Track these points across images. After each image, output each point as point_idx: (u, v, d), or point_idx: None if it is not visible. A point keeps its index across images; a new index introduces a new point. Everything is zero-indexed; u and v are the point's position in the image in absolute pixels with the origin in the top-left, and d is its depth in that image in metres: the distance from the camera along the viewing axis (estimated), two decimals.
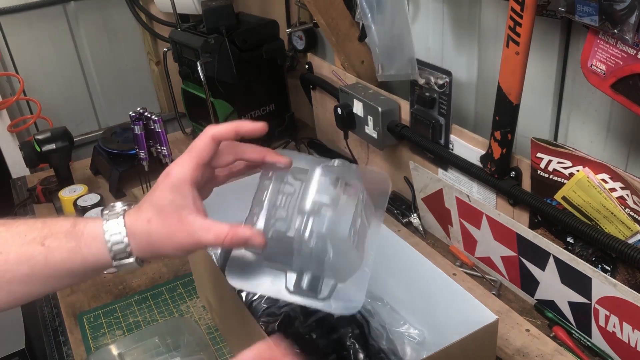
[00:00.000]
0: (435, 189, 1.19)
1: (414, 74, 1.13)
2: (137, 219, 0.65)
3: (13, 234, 0.63)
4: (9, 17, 1.99)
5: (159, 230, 0.64)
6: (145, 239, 0.65)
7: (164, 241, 0.64)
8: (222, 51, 1.52)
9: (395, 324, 0.95)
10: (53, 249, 0.63)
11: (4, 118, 1.92)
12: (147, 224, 0.64)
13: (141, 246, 0.65)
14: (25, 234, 0.63)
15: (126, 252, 0.64)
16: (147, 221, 0.64)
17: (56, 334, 1.13)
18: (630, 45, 0.76)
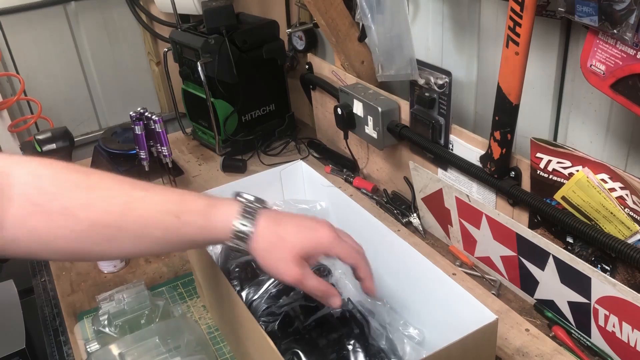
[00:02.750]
0: (435, 189, 1.19)
1: (413, 74, 1.13)
2: (270, 231, 0.74)
3: (154, 200, 0.71)
4: (9, 17, 1.99)
5: (276, 255, 0.73)
6: (262, 247, 0.73)
7: (274, 264, 0.74)
8: (222, 51, 1.52)
9: (395, 324, 0.95)
10: (186, 223, 0.71)
11: (5, 118, 1.93)
12: (275, 239, 0.74)
13: (255, 247, 0.73)
14: (164, 203, 0.71)
15: (243, 242, 0.73)
16: (280, 238, 0.74)
17: (57, 333, 1.14)
18: (630, 45, 0.76)
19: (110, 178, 0.71)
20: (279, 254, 0.73)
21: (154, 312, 1.08)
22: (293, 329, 0.86)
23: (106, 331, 1.05)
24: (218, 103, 1.58)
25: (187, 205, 0.72)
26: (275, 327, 0.87)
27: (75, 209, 0.67)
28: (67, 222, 0.67)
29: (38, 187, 0.67)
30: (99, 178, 0.71)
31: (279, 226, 0.74)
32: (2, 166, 0.66)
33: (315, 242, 0.75)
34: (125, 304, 1.08)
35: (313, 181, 1.14)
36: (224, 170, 1.60)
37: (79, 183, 0.69)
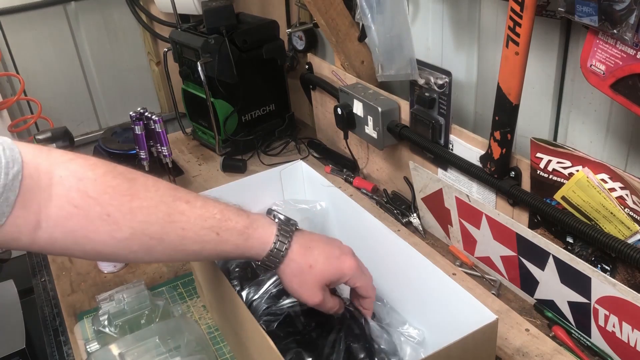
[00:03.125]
0: (435, 189, 1.19)
1: (413, 74, 1.13)
2: (301, 257, 0.78)
3: (195, 216, 0.72)
4: (9, 17, 1.99)
5: (302, 280, 0.78)
6: (291, 270, 0.78)
7: (298, 288, 0.79)
8: (222, 51, 1.52)
9: (395, 324, 0.95)
10: (224, 240, 0.73)
11: (5, 118, 1.93)
12: (305, 266, 0.78)
13: (284, 269, 0.78)
14: (205, 219, 0.72)
15: (274, 264, 0.78)
16: (309, 266, 0.78)
17: (57, 333, 1.14)
18: (630, 45, 0.76)
19: (153, 185, 0.71)
20: (305, 280, 0.78)
21: (154, 312, 1.08)
22: (293, 330, 0.86)
23: (106, 331, 1.05)
24: (218, 103, 1.58)
25: (227, 223, 0.74)
26: (275, 326, 0.87)
27: (117, 217, 0.67)
28: (108, 228, 0.67)
29: (80, 191, 0.66)
30: (142, 185, 0.70)
31: (309, 253, 0.78)
32: (43, 165, 0.66)
33: (340, 273, 0.80)
34: (125, 304, 1.08)
35: (313, 181, 1.14)
36: (224, 170, 1.60)
37: (122, 190, 0.68)
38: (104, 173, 0.68)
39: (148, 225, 0.69)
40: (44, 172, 0.65)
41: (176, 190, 0.73)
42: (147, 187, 0.70)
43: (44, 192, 0.65)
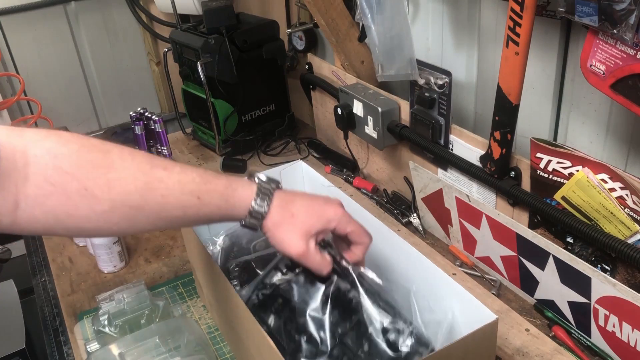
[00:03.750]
0: (435, 189, 1.19)
1: (413, 74, 1.13)
2: (283, 209, 0.76)
3: (174, 180, 0.71)
4: (9, 17, 1.99)
5: (285, 229, 0.76)
6: (273, 223, 0.76)
7: (281, 238, 0.77)
8: (222, 51, 1.52)
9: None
10: (206, 203, 0.73)
11: (5, 118, 1.93)
12: (287, 216, 0.76)
13: (267, 224, 0.76)
14: (184, 184, 0.72)
15: (257, 221, 0.76)
16: (290, 215, 0.76)
17: (57, 333, 1.14)
18: (630, 45, 0.76)
19: (129, 155, 0.71)
20: (288, 229, 0.76)
21: (154, 312, 1.08)
22: (294, 329, 0.86)
23: (106, 331, 1.05)
24: (218, 103, 1.58)
25: (207, 186, 0.73)
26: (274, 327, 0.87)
27: (95, 190, 0.67)
28: (87, 203, 0.67)
29: (56, 168, 0.66)
30: (118, 156, 0.70)
31: (291, 204, 0.77)
32: (17, 144, 0.65)
33: (325, 219, 0.78)
34: (125, 304, 1.08)
35: (313, 181, 1.14)
36: (224, 170, 1.60)
37: (98, 163, 0.68)
38: (78, 148, 0.68)
39: (127, 196, 0.68)
40: (20, 152, 0.65)
41: (153, 158, 0.72)
42: (123, 158, 0.70)
43: (20, 172, 0.64)
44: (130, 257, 1.32)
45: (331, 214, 0.78)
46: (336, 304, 0.78)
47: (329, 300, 0.77)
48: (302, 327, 0.77)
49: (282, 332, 0.79)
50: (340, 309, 0.78)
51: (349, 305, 0.78)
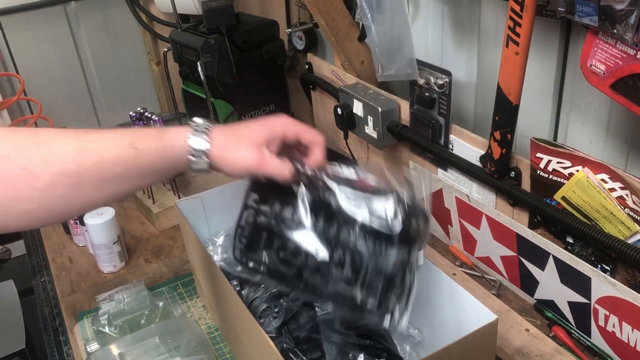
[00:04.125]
0: (435, 189, 1.19)
1: (413, 74, 1.13)
2: (225, 134, 0.75)
3: (107, 139, 0.71)
4: (9, 17, 1.99)
5: (234, 148, 0.75)
6: (219, 150, 0.74)
7: (233, 157, 0.74)
8: (222, 51, 1.52)
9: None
10: (143, 150, 0.71)
11: (5, 118, 1.92)
12: (230, 136, 0.75)
13: (216, 154, 0.74)
14: (117, 138, 0.71)
15: (204, 159, 0.74)
16: (233, 134, 0.75)
17: (57, 333, 1.14)
18: (630, 45, 0.76)
19: (60, 131, 0.72)
20: (236, 147, 0.75)
21: (154, 312, 1.08)
22: (294, 330, 0.86)
23: (106, 331, 1.05)
24: (218, 103, 1.58)
25: (140, 134, 0.73)
26: (276, 327, 0.87)
27: (32, 167, 0.67)
28: (27, 182, 0.66)
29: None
30: (47, 132, 0.71)
31: (233, 128, 0.76)
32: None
33: (270, 126, 0.77)
34: (125, 304, 1.08)
35: None
36: None
37: (30, 140, 0.69)
38: (6, 131, 0.69)
39: (64, 165, 0.68)
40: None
41: (84, 130, 0.73)
42: (54, 132, 0.71)
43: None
44: (130, 257, 1.32)
45: (275, 121, 0.78)
46: (317, 212, 0.76)
47: (308, 212, 0.75)
48: (295, 248, 0.76)
49: (279, 264, 0.77)
50: (323, 216, 0.76)
51: (330, 209, 0.76)
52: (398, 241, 0.72)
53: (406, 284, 0.73)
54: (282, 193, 0.77)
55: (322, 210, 0.75)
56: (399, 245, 0.72)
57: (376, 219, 0.73)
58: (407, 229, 0.73)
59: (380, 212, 0.74)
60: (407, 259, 0.73)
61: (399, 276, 0.73)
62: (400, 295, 0.73)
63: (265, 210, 0.79)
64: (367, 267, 0.73)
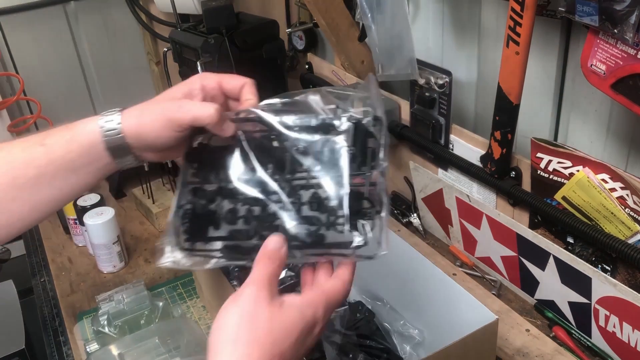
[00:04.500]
0: (435, 189, 1.19)
1: (414, 73, 1.13)
2: (134, 108, 0.68)
3: (15, 144, 0.67)
4: (9, 17, 1.99)
5: (154, 109, 0.67)
6: (137, 117, 0.67)
7: (157, 116, 0.66)
8: (222, 51, 1.51)
9: (395, 324, 0.95)
10: (52, 144, 0.66)
11: (4, 118, 1.92)
12: (148, 103, 0.69)
13: (131, 124, 0.66)
14: (25, 140, 0.67)
15: (118, 138, 0.66)
16: (149, 102, 0.69)
17: (56, 334, 1.13)
18: (630, 45, 0.76)
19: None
20: (151, 108, 0.68)
21: (154, 312, 1.08)
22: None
23: (106, 331, 1.05)
24: None
25: (50, 131, 0.68)
26: None
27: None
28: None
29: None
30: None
31: (147, 101, 0.69)
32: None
33: (187, 82, 0.70)
34: (124, 304, 1.08)
35: None
36: None
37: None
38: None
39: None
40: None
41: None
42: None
43: None
44: (129, 257, 1.31)
45: (192, 77, 0.71)
46: (264, 155, 0.68)
47: (256, 162, 0.67)
48: (254, 204, 0.65)
49: (242, 231, 0.65)
50: (273, 162, 0.67)
51: (278, 152, 0.67)
52: (352, 136, 0.65)
53: (375, 199, 0.62)
54: (222, 153, 0.69)
55: (271, 157, 0.67)
56: (354, 139, 0.64)
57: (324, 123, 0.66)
58: (359, 130, 0.65)
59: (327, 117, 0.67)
60: (367, 169, 0.64)
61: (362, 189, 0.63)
62: (370, 212, 0.62)
63: (207, 177, 0.69)
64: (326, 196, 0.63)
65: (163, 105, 0.67)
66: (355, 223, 0.61)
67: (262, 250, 0.60)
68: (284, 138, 0.67)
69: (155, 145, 0.67)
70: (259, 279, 0.57)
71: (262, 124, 0.69)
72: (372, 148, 0.64)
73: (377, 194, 0.62)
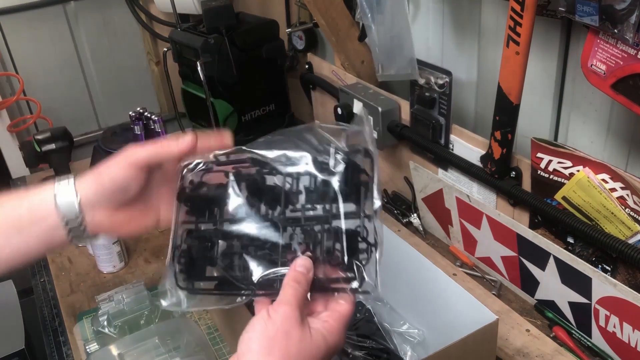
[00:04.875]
0: (436, 189, 1.19)
1: (414, 74, 1.13)
2: (87, 180, 0.66)
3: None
4: (9, 17, 1.99)
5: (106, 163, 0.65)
6: (93, 170, 0.65)
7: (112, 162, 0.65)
8: (222, 51, 1.51)
9: (395, 324, 0.95)
10: (3, 201, 0.64)
11: (4, 118, 1.92)
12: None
13: (86, 177, 0.65)
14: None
15: (71, 185, 0.65)
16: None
17: (56, 334, 1.13)
18: (631, 45, 0.76)
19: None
20: (110, 161, 0.65)
21: (154, 312, 1.08)
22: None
23: (106, 331, 1.05)
24: (218, 103, 1.58)
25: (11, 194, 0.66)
26: None
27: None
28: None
29: None
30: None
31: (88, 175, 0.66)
32: None
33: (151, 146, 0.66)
34: (124, 305, 1.08)
35: None
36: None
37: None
38: None
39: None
40: None
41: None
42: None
43: None
44: (129, 258, 1.31)
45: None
46: (259, 196, 0.68)
47: (249, 200, 0.67)
48: (251, 242, 0.65)
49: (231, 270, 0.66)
50: (266, 200, 0.67)
51: (271, 190, 0.68)
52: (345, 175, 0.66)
53: (368, 237, 0.64)
54: (215, 192, 0.69)
55: (261, 189, 0.68)
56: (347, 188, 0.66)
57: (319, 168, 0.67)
58: (353, 169, 0.67)
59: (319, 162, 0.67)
60: (361, 207, 0.65)
61: (358, 229, 0.65)
62: (365, 252, 0.64)
63: (201, 216, 0.69)
64: (321, 233, 0.65)
65: (128, 152, 0.65)
66: (351, 263, 0.63)
67: (290, 272, 0.61)
68: (277, 175, 0.68)
69: (111, 189, 0.65)
70: (293, 301, 0.59)
71: (255, 162, 0.69)
72: (365, 183, 0.67)
73: (372, 232, 0.64)
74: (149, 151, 0.65)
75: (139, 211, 0.70)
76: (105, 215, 0.67)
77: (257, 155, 0.70)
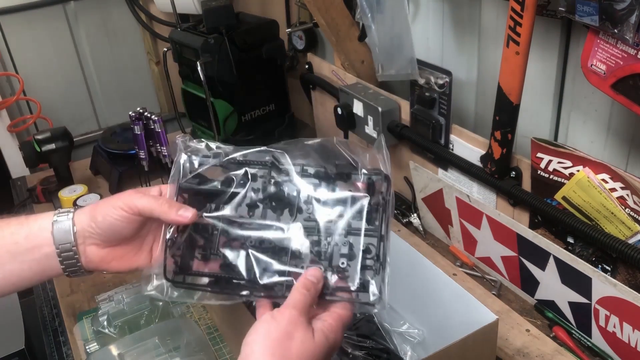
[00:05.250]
0: (436, 189, 1.19)
1: (414, 74, 1.13)
2: (84, 213, 0.69)
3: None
4: (9, 17, 1.99)
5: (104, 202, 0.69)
6: (89, 208, 0.68)
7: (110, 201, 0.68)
8: (222, 51, 1.51)
9: (395, 324, 0.95)
10: (3, 225, 0.66)
11: (4, 118, 1.92)
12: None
13: (84, 210, 0.68)
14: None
15: (69, 216, 0.68)
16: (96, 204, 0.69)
17: (56, 334, 1.13)
18: (631, 45, 0.76)
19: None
20: (108, 199, 0.69)
21: (154, 312, 1.08)
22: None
23: (105, 331, 1.05)
24: (218, 103, 1.58)
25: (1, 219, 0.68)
26: None
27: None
28: None
29: None
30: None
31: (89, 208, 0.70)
32: None
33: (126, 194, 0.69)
34: (124, 305, 1.08)
35: None
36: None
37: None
38: None
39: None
40: None
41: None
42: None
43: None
44: None
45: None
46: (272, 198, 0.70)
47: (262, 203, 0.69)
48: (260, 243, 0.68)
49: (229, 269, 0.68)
50: (280, 205, 0.70)
51: (285, 195, 0.70)
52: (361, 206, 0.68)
53: (380, 255, 0.67)
54: (219, 187, 0.70)
55: (274, 195, 0.70)
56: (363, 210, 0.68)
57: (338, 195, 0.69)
58: (371, 193, 0.69)
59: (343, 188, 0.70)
60: (378, 227, 0.68)
61: (370, 246, 0.67)
62: (375, 268, 0.67)
63: (199, 211, 0.69)
64: (336, 243, 0.68)
65: (125, 194, 0.68)
66: (362, 277, 0.66)
67: (302, 279, 0.64)
68: (295, 182, 0.71)
69: (104, 228, 0.67)
70: (300, 306, 0.61)
71: (274, 167, 0.72)
72: (381, 205, 0.69)
73: (383, 250, 0.67)
74: (146, 203, 0.67)
75: (133, 250, 0.72)
76: (99, 249, 0.69)
77: (275, 160, 0.72)
